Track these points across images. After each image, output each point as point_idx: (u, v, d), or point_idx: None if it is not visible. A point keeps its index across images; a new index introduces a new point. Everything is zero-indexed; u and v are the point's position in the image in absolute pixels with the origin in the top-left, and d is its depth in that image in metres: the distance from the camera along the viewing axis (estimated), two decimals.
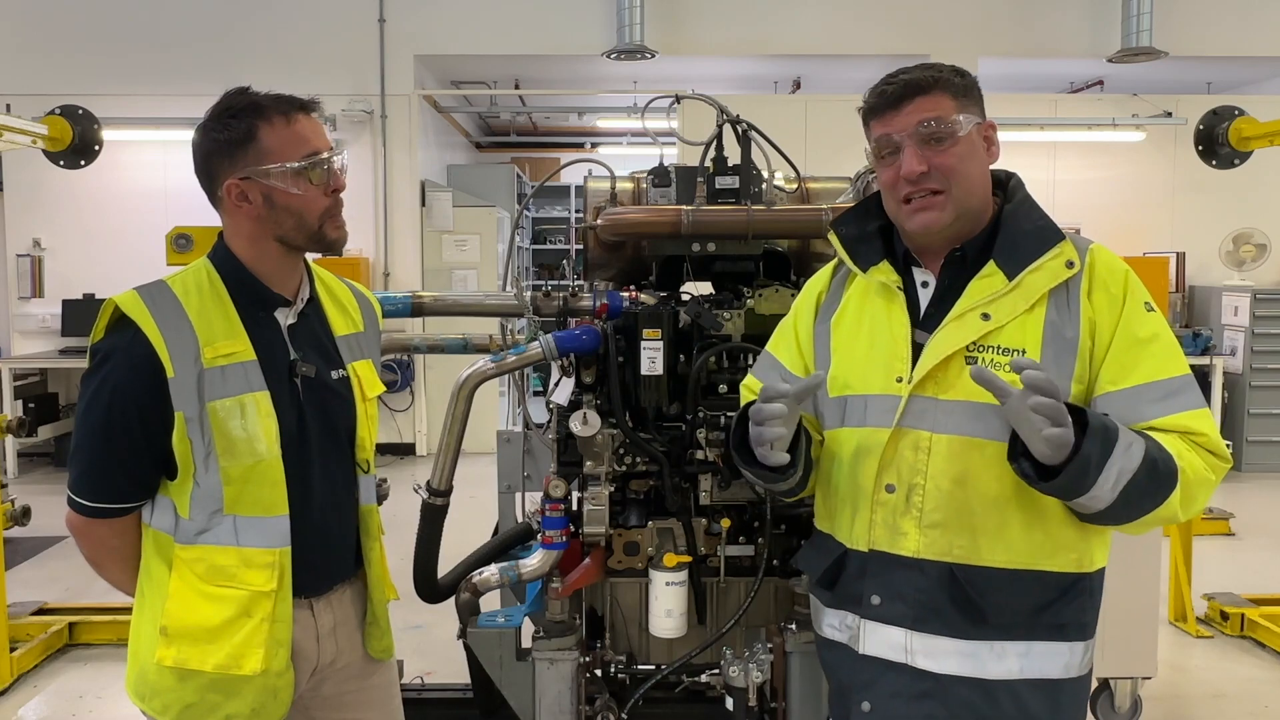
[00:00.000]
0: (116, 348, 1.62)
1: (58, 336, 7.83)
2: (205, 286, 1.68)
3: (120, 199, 7.87)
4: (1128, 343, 1.54)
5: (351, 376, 1.83)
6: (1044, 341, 1.54)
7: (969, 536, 1.54)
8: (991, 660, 1.55)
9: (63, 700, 3.80)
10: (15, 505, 3.98)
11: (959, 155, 1.57)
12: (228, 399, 1.63)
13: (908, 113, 1.57)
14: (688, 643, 2.46)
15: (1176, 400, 1.53)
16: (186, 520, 1.66)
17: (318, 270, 1.88)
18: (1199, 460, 1.50)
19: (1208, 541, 5.54)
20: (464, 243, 8.20)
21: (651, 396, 2.42)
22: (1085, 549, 1.59)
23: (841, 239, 1.74)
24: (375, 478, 1.92)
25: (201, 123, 1.68)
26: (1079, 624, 1.60)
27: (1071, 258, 1.57)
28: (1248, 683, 3.90)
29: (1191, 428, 1.51)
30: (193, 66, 7.68)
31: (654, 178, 2.66)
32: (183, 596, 1.65)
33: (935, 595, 1.55)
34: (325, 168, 1.67)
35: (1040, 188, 8.12)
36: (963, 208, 1.59)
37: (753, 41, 7.90)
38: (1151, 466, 1.43)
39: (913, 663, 1.58)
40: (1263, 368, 7.45)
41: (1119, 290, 1.56)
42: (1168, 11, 7.61)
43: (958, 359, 1.55)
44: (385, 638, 1.91)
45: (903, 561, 1.58)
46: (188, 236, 3.94)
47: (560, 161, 5.87)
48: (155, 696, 1.69)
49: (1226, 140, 4.91)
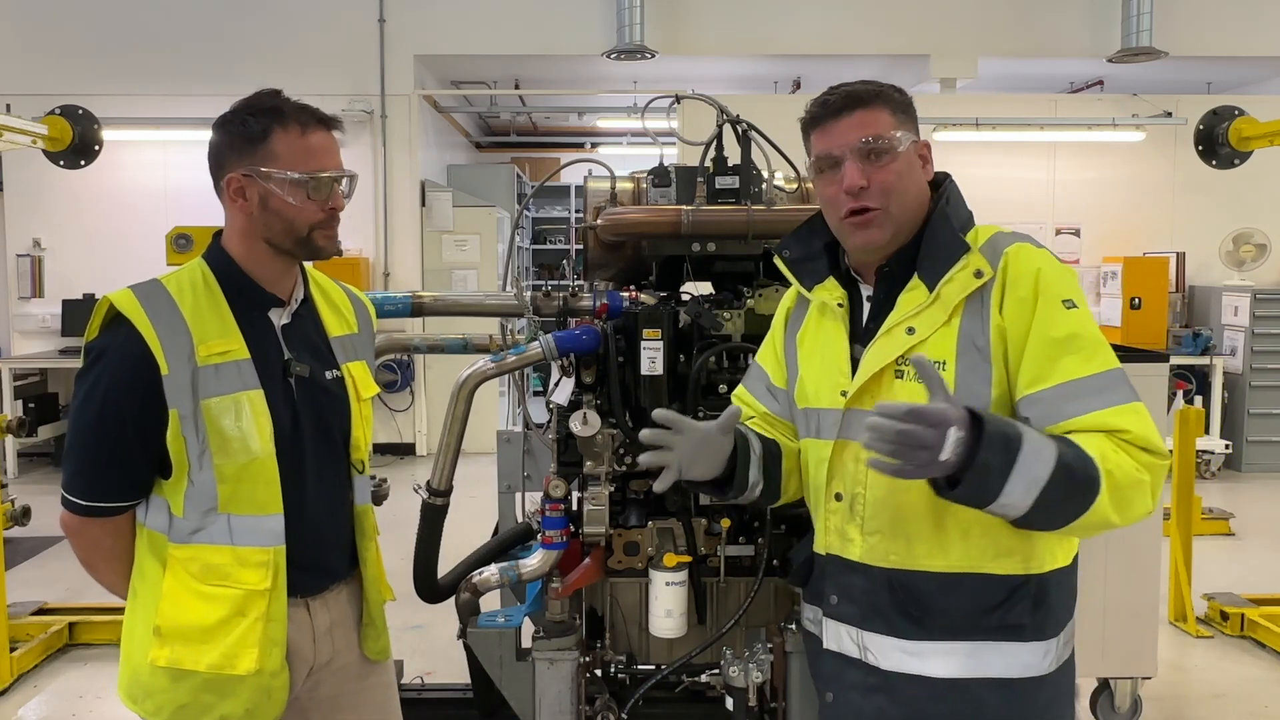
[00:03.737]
0: (111, 345, 1.62)
1: (58, 336, 7.83)
2: (200, 285, 1.69)
3: (120, 199, 7.87)
4: (1043, 343, 1.51)
5: (346, 377, 1.83)
6: (958, 352, 1.55)
7: (904, 543, 1.59)
8: (935, 659, 1.59)
9: (63, 700, 3.80)
10: (15, 505, 3.98)
11: (897, 172, 1.59)
12: (222, 397, 1.63)
13: (848, 126, 1.59)
14: (688, 643, 2.46)
15: (1098, 398, 1.49)
16: (180, 519, 1.66)
17: (312, 273, 1.88)
18: (1127, 460, 1.45)
19: (1208, 541, 5.54)
20: (464, 243, 8.20)
21: (651, 396, 2.42)
22: (1030, 550, 1.58)
23: (786, 262, 1.78)
24: (370, 478, 1.92)
25: (223, 115, 1.70)
26: (1036, 624, 1.59)
27: (980, 267, 1.56)
28: (1248, 683, 3.90)
29: (1114, 425, 1.46)
30: (193, 66, 7.68)
31: (654, 178, 2.66)
32: (176, 596, 1.65)
33: (878, 597, 1.62)
34: (328, 186, 1.68)
35: (1040, 188, 8.19)
36: (899, 224, 1.62)
37: (753, 41, 7.90)
38: (1066, 473, 1.40)
39: (864, 659, 1.65)
40: (1263, 368, 7.45)
41: (1029, 292, 1.54)
42: (1168, 11, 7.61)
43: (889, 373, 1.59)
44: (382, 639, 1.91)
45: (851, 565, 1.65)
46: (188, 236, 3.94)
47: (560, 161, 5.88)
48: (148, 698, 1.68)
49: (1226, 140, 4.91)
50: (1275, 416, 7.49)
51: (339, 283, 1.97)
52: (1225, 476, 7.32)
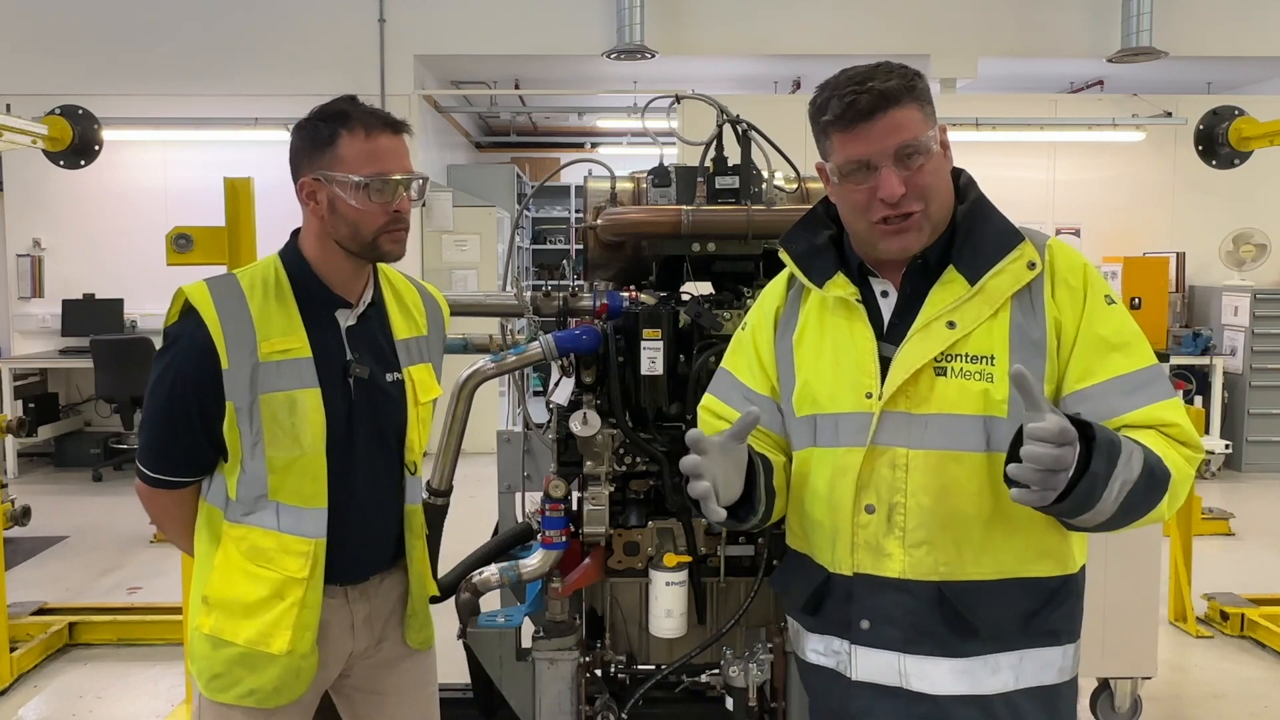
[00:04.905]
0: (184, 333, 1.71)
1: (58, 336, 7.82)
2: (271, 282, 1.76)
3: (120, 199, 7.87)
4: (1093, 338, 1.50)
5: (406, 380, 1.88)
6: (1011, 346, 1.49)
7: (954, 551, 1.50)
8: (986, 675, 1.51)
9: (63, 700, 3.80)
10: (15, 505, 3.99)
11: (933, 172, 1.50)
12: (279, 393, 1.71)
13: (883, 130, 1.46)
14: (688, 643, 2.46)
15: (1147, 391, 1.48)
16: (235, 501, 1.75)
17: (387, 272, 1.93)
18: (1179, 456, 1.46)
19: (1208, 541, 5.54)
20: (464, 243, 8.19)
21: (651, 396, 2.42)
22: (1067, 551, 1.57)
23: (793, 256, 1.67)
24: (422, 479, 1.99)
25: (300, 120, 1.76)
26: (1069, 627, 1.59)
27: (1033, 258, 1.52)
28: (1248, 683, 3.90)
29: (1165, 419, 1.47)
30: (193, 66, 7.68)
31: (654, 178, 2.66)
32: (225, 570, 1.75)
33: (925, 616, 1.51)
34: (392, 188, 1.71)
35: (1040, 188, 8.19)
36: (937, 225, 1.54)
37: (753, 41, 7.90)
38: (1149, 474, 1.39)
39: (907, 685, 1.53)
40: (1263, 368, 7.44)
41: (1079, 285, 1.52)
42: (1168, 11, 7.60)
43: (928, 371, 1.50)
44: (425, 629, 1.99)
45: (889, 583, 1.52)
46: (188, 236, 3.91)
47: (560, 161, 5.87)
48: (195, 660, 1.80)
49: (1226, 140, 4.91)
50: (1275, 416, 7.48)
51: (415, 281, 2.01)
52: (1225, 476, 7.32)
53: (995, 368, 1.48)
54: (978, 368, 1.49)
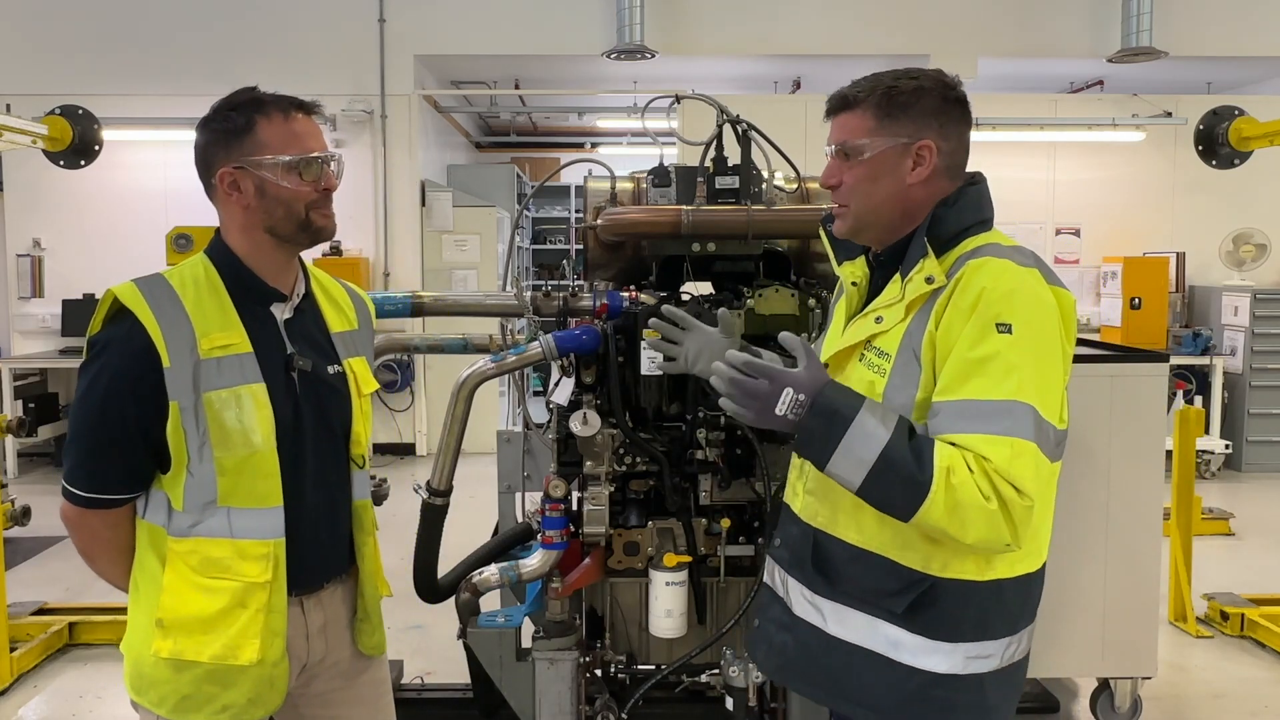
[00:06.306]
0: (114, 338, 1.64)
1: (58, 336, 7.82)
2: (202, 280, 1.71)
3: (120, 199, 7.87)
4: (960, 360, 1.54)
5: (347, 372, 1.85)
6: (898, 349, 1.62)
7: (830, 509, 1.70)
8: (833, 619, 1.69)
9: (63, 700, 3.80)
10: (15, 505, 3.98)
11: (858, 176, 1.67)
12: (223, 390, 1.65)
13: (833, 127, 1.71)
14: (688, 643, 2.46)
15: (981, 422, 1.49)
16: (180, 513, 1.68)
17: (313, 269, 1.90)
18: (976, 484, 1.46)
19: (1208, 541, 5.54)
20: (464, 243, 8.19)
21: (651, 396, 2.42)
22: (931, 552, 1.60)
23: (828, 234, 1.85)
24: (369, 473, 1.94)
25: (203, 117, 1.73)
26: (925, 622, 1.61)
27: (932, 273, 1.60)
28: (1248, 683, 3.90)
29: (982, 451, 1.47)
30: (193, 66, 7.68)
31: (654, 178, 2.66)
32: (177, 589, 1.67)
33: (802, 550, 1.74)
34: (318, 166, 1.71)
35: (1040, 188, 8.19)
36: (863, 223, 1.71)
37: (753, 41, 7.90)
38: (889, 463, 1.49)
39: (786, 598, 1.78)
40: (1263, 368, 7.44)
41: (967, 307, 1.55)
42: (1168, 11, 7.60)
43: (855, 353, 1.69)
44: (377, 634, 1.91)
45: (792, 516, 1.79)
46: (188, 236, 3.94)
47: (560, 161, 5.88)
48: (152, 689, 1.70)
49: (1226, 140, 4.91)
50: (1275, 416, 7.49)
51: (338, 279, 1.99)
52: (1225, 476, 7.32)
53: (889, 364, 1.63)
54: (879, 361, 1.64)
